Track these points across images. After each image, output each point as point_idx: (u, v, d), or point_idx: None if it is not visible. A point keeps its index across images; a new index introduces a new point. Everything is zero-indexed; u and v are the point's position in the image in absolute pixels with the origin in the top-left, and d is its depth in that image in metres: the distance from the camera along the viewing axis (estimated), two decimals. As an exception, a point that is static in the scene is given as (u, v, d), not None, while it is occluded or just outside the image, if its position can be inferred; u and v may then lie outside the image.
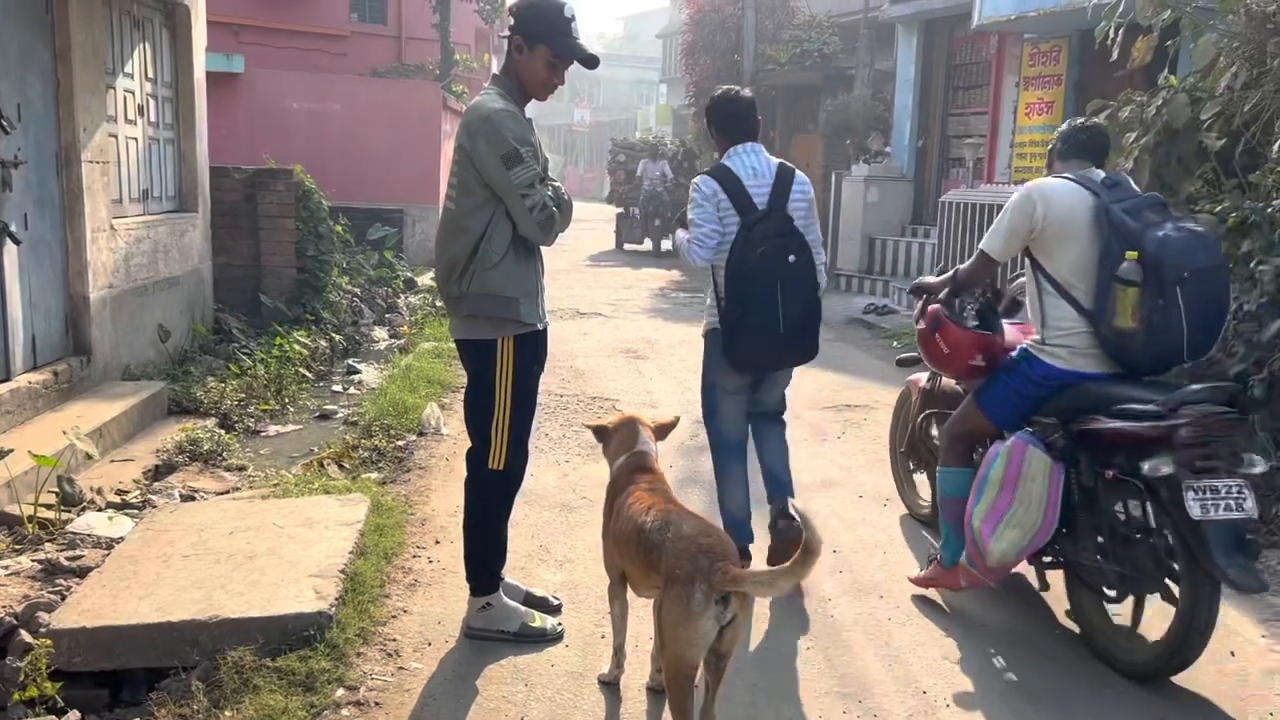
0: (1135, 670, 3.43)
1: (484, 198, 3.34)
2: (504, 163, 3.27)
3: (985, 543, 3.63)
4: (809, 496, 5.21)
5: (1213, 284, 3.44)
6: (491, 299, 3.36)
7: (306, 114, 14.97)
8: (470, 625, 3.58)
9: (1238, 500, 3.17)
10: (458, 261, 3.38)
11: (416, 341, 9.26)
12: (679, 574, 2.67)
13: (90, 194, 6.12)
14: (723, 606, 2.63)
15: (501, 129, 3.28)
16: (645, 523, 2.91)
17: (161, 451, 5.62)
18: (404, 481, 5.27)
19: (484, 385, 3.46)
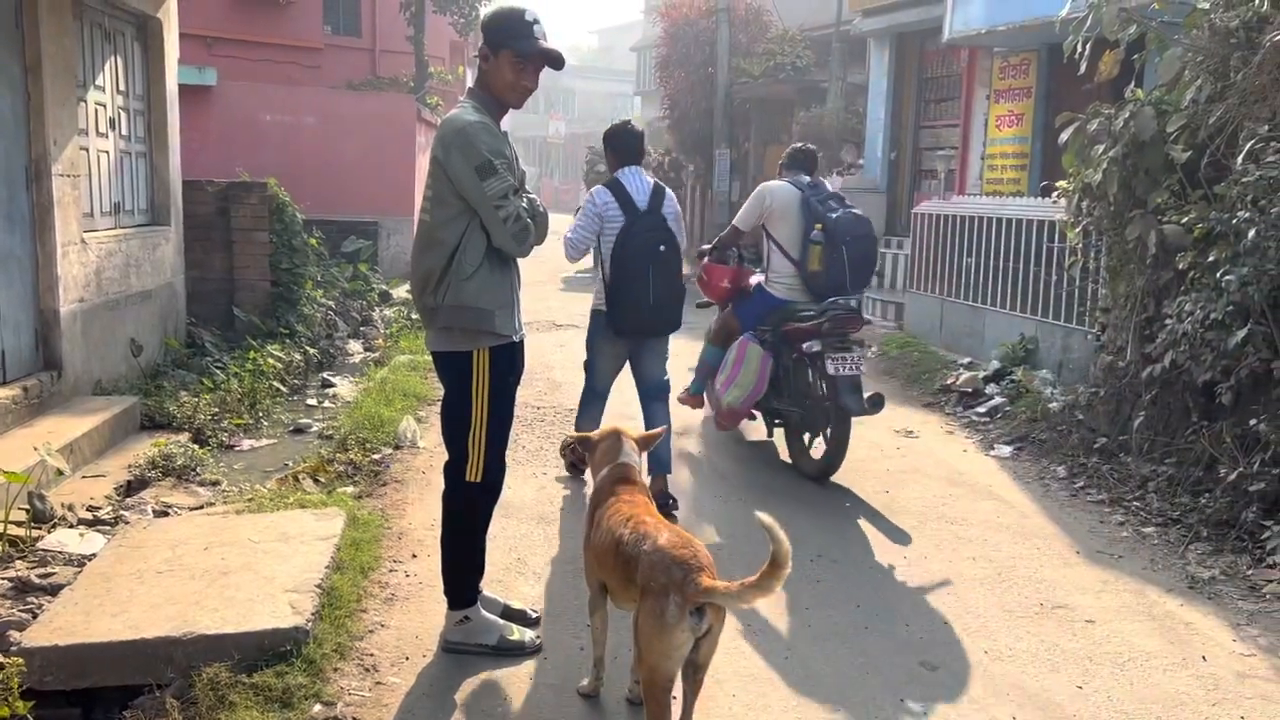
0: (812, 475, 5.74)
1: (458, 209, 3.36)
2: (478, 174, 3.29)
3: (721, 394, 5.92)
4: (781, 503, 5.23)
5: (865, 246, 5.70)
6: (467, 311, 3.36)
7: (280, 126, 14.91)
8: (448, 639, 3.57)
9: (855, 363, 5.51)
10: (433, 273, 3.38)
11: (392, 354, 9.22)
12: (654, 586, 2.69)
13: (61, 207, 6.07)
14: (698, 618, 2.65)
15: (475, 141, 3.30)
16: (623, 535, 2.92)
17: (134, 467, 5.56)
18: (380, 495, 5.24)
19: (461, 397, 3.46)
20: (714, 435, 6.65)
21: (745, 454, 6.34)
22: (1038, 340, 7.74)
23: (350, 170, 15.06)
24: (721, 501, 5.35)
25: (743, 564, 4.06)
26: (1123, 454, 5.80)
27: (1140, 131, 5.57)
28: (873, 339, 10.17)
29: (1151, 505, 5.21)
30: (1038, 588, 4.30)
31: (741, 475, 5.87)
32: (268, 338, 8.69)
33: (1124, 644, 3.79)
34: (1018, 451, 6.34)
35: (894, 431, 6.89)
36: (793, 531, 4.76)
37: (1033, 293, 7.85)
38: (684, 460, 6.09)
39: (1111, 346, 6.23)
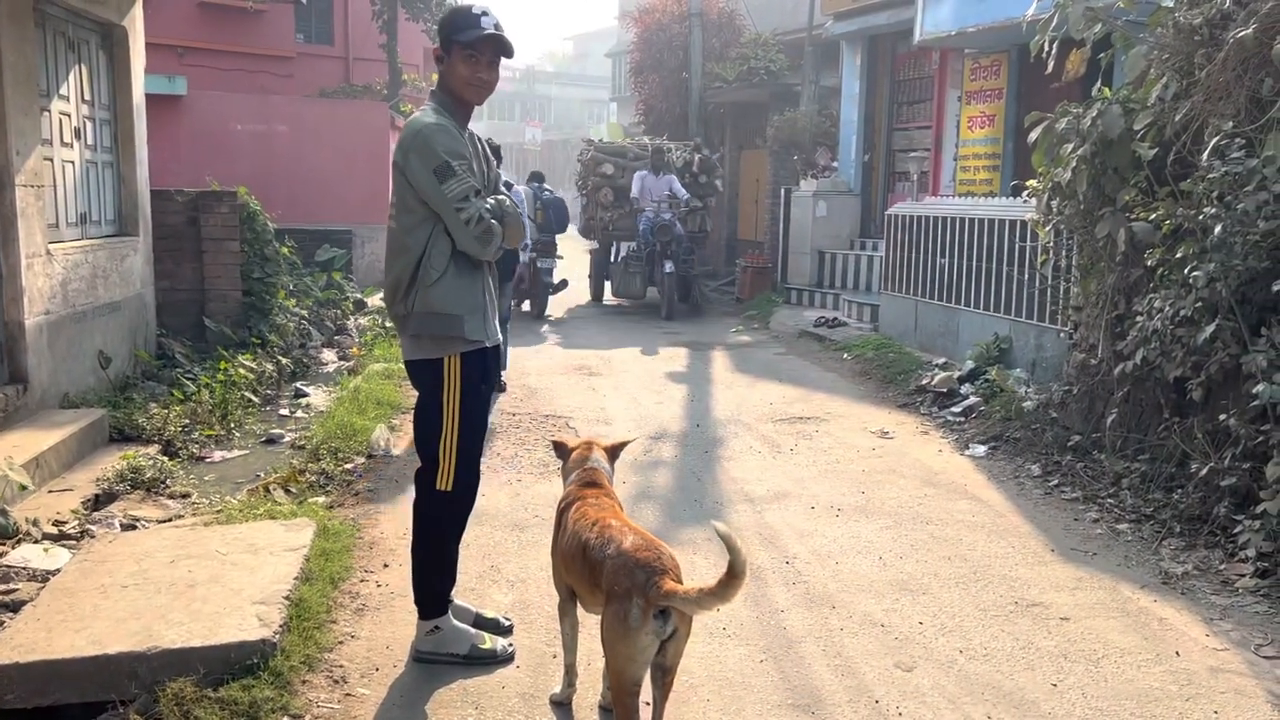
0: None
1: (422, 215, 3.32)
2: (436, 176, 3.25)
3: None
4: (761, 509, 5.22)
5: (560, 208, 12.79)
6: (435, 317, 3.32)
7: (252, 135, 14.80)
8: (419, 649, 3.52)
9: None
10: (401, 281, 3.35)
11: (366, 363, 9.15)
12: (617, 590, 2.68)
13: (25, 218, 5.99)
14: (662, 621, 2.64)
15: (431, 142, 3.26)
16: (589, 539, 2.90)
17: (102, 480, 5.48)
18: (352, 505, 5.18)
19: (432, 404, 3.41)
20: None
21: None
22: (1011, 339, 7.77)
23: (323, 178, 14.96)
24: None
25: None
26: (1096, 451, 5.82)
27: (1108, 129, 5.60)
28: (848, 340, 10.20)
29: (1125, 502, 5.23)
30: (1012, 586, 4.30)
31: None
32: (239, 348, 8.61)
33: (1098, 641, 3.79)
34: (992, 451, 6.35)
35: (869, 432, 6.90)
36: (767, 536, 4.78)
37: (1006, 292, 7.89)
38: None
39: (1084, 344, 6.25)
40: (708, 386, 8.51)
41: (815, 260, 13.31)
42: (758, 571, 4.39)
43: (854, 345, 9.73)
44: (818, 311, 12.30)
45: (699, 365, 9.61)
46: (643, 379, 8.78)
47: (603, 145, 15.08)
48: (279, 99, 16.23)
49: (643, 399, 7.93)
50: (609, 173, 14.19)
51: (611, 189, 14.09)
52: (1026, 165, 10.34)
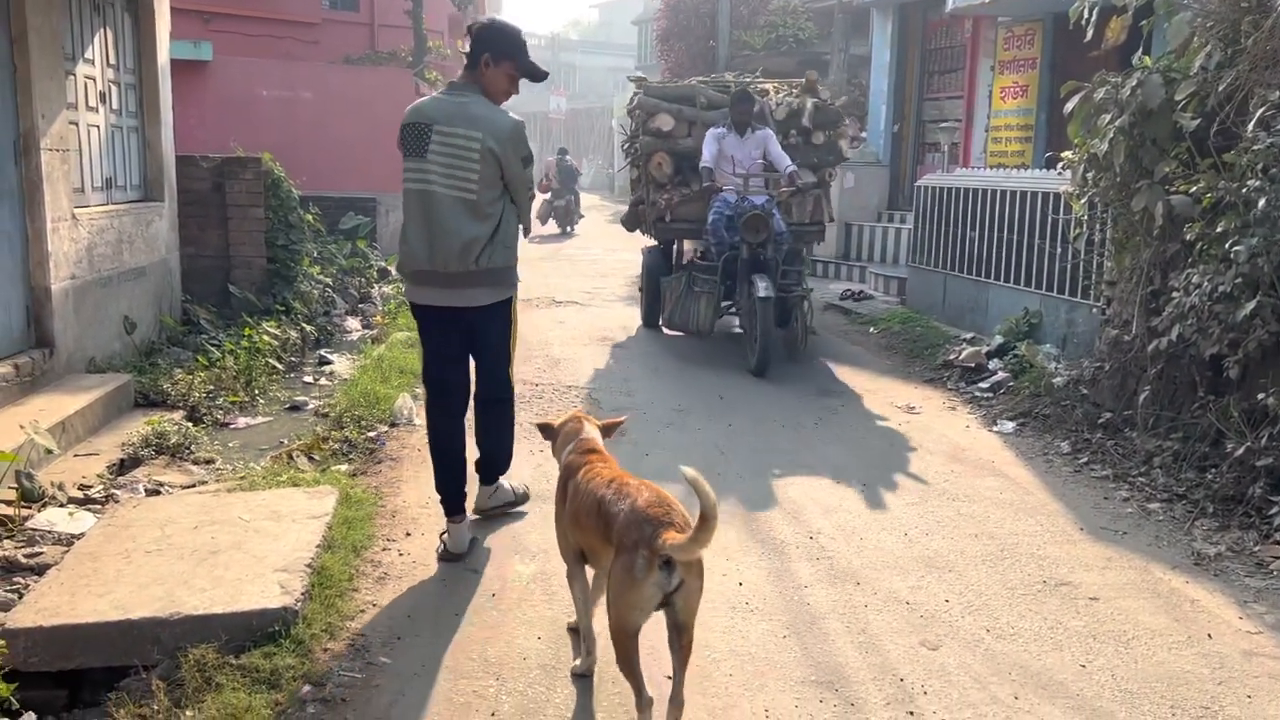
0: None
1: (500, 191, 4.13)
2: (523, 163, 4.16)
3: None
4: (785, 483, 5.17)
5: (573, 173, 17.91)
6: (508, 270, 4.24)
7: (277, 102, 14.77)
8: (485, 508, 4.56)
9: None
10: (478, 240, 4.08)
11: (390, 331, 9.15)
12: (625, 542, 2.77)
13: (50, 183, 5.98)
14: (666, 573, 2.70)
15: (524, 137, 4.15)
16: (605, 495, 2.98)
17: (127, 445, 5.50)
18: (375, 473, 5.18)
19: (505, 329, 4.35)
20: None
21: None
22: (1042, 314, 7.65)
23: (348, 146, 14.91)
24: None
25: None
26: (1127, 429, 5.72)
27: (1147, 100, 5.46)
28: (875, 313, 10.09)
29: (1157, 481, 5.14)
30: (1041, 565, 4.24)
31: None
32: (264, 315, 8.61)
33: (1128, 622, 3.73)
34: (1021, 427, 6.26)
35: (895, 407, 6.81)
36: (790, 511, 4.73)
37: (1037, 266, 7.75)
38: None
39: (1116, 320, 6.13)
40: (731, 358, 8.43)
41: (842, 232, 13.16)
42: (781, 546, 4.35)
43: (880, 319, 9.62)
44: (844, 284, 12.18)
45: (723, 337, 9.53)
46: (666, 351, 8.72)
47: (658, 87, 9.85)
48: (304, 65, 16.18)
49: (667, 370, 7.87)
50: (666, 129, 9.02)
51: (670, 155, 9.01)
52: (1060, 137, 10.15)
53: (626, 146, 10.16)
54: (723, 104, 8.83)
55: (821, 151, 9.17)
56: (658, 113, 9.11)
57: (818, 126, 9.09)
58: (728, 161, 8.21)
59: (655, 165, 9.05)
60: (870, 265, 12.23)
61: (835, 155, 9.38)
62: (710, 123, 8.66)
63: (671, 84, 10.09)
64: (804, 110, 9.06)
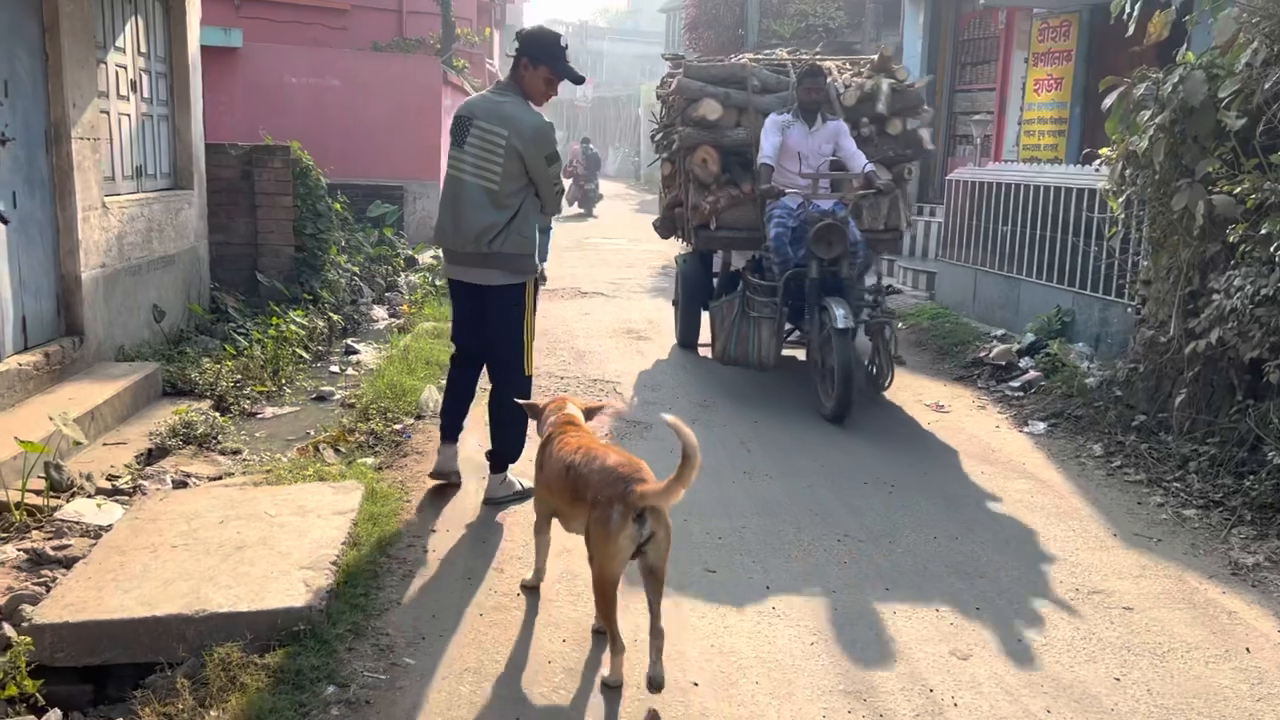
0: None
1: (523, 184, 4.49)
2: (547, 161, 4.50)
3: None
4: (813, 482, 5.11)
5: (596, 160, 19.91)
6: (523, 257, 4.53)
7: (306, 89, 14.79)
8: (494, 496, 4.71)
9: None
10: (495, 226, 4.44)
11: (416, 321, 9.15)
12: (600, 499, 3.05)
13: (81, 171, 6.00)
14: (639, 525, 2.99)
15: (550, 137, 4.51)
16: (574, 460, 3.28)
17: (154, 434, 5.52)
18: (400, 467, 5.17)
19: (518, 316, 4.59)
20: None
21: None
22: (1074, 313, 7.53)
23: (375, 133, 14.92)
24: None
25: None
26: (1162, 432, 5.62)
27: (1190, 96, 5.33)
28: (903, 308, 9.98)
29: (1192, 486, 5.05)
30: (1073, 571, 4.17)
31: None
32: (291, 303, 8.63)
33: (1164, 633, 3.65)
34: (1052, 428, 6.16)
35: (924, 405, 6.73)
36: (817, 511, 4.68)
37: (1070, 263, 7.63)
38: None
39: (1152, 321, 6.01)
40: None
41: (870, 225, 13.02)
42: (808, 548, 4.30)
43: (909, 314, 9.51)
44: (871, 278, 12.04)
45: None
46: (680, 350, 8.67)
47: (701, 67, 7.92)
48: (332, 52, 16.19)
49: (693, 365, 7.82)
50: (713, 117, 7.37)
51: (717, 149, 7.42)
52: (1094, 131, 9.99)
53: (658, 138, 8.47)
54: (779, 88, 7.59)
55: (898, 144, 7.66)
56: (702, 98, 7.42)
57: (894, 113, 7.56)
58: (792, 158, 6.81)
59: (698, 162, 7.43)
60: (898, 259, 12.10)
61: (915, 148, 7.76)
62: (764, 110, 7.28)
63: (716, 62, 8.18)
64: (878, 94, 7.51)
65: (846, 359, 5.92)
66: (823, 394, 6.32)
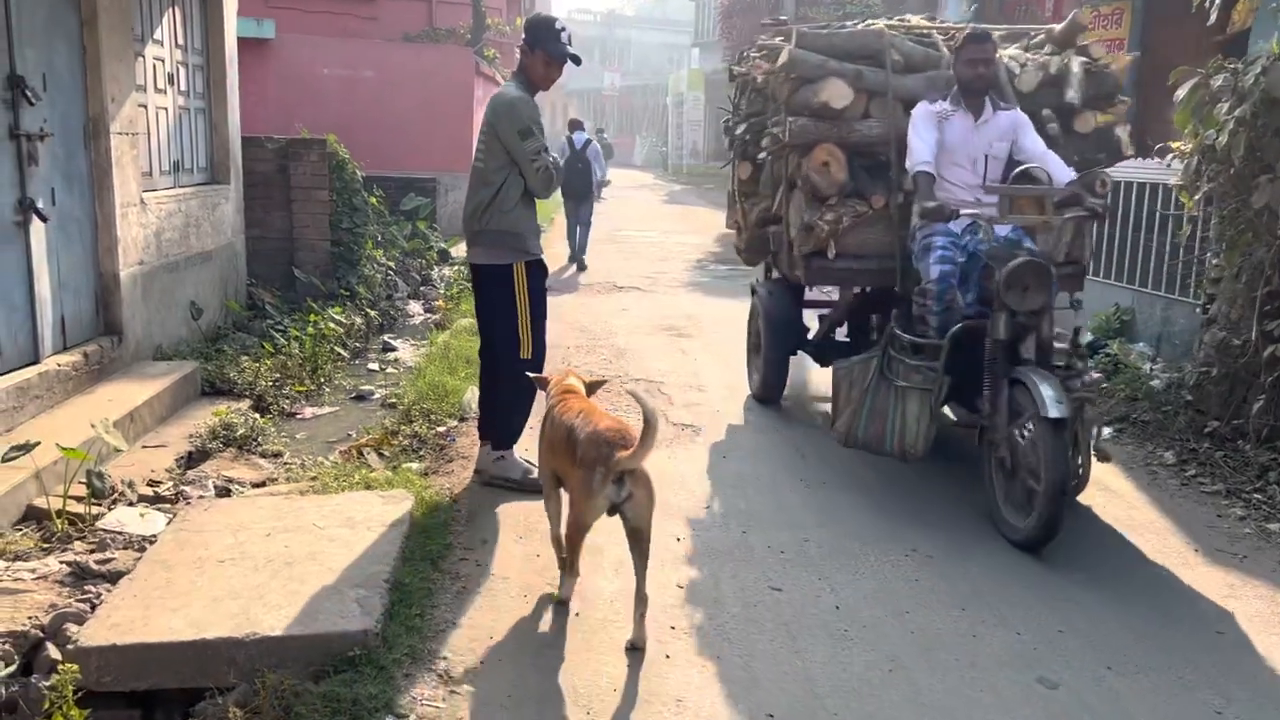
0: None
1: (504, 161, 4.56)
2: (519, 136, 4.50)
3: None
4: (879, 499, 4.90)
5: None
6: (509, 234, 4.59)
7: (338, 80, 14.70)
8: (486, 472, 4.78)
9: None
10: (481, 205, 4.59)
11: (453, 317, 9.00)
12: (586, 460, 3.29)
13: (119, 167, 5.88)
14: (618, 487, 3.22)
15: (520, 111, 4.53)
16: (573, 423, 3.48)
17: (195, 437, 5.41)
18: (447, 472, 5.02)
19: (507, 298, 4.63)
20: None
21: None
22: (1135, 311, 7.27)
23: (408, 125, 14.81)
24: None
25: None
26: (1238, 440, 5.37)
27: (1271, 88, 5.07)
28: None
29: (1275, 498, 4.80)
30: (1158, 592, 3.95)
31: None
32: (328, 299, 8.52)
33: (1262, 661, 3.44)
34: (1118, 433, 5.92)
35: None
36: (882, 524, 4.48)
37: (1130, 260, 7.36)
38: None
39: (1223, 321, 5.75)
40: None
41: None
42: (877, 565, 4.11)
43: (957, 311, 9.24)
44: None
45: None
46: (735, 341, 8.46)
47: (819, 36, 5.61)
48: (365, 43, 16.08)
49: (737, 362, 7.62)
50: (840, 105, 5.33)
51: (843, 148, 5.37)
52: (1151, 123, 9.67)
53: (738, 130, 6.48)
54: (926, 65, 5.50)
55: (1089, 145, 5.61)
56: (825, 78, 5.28)
57: (1088, 104, 5.56)
58: (957, 162, 5.00)
59: (817, 166, 5.28)
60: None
61: (1112, 152, 5.70)
62: (909, 96, 5.30)
63: (840, 28, 5.83)
64: (1068, 76, 5.50)
65: (1061, 466, 4.06)
66: (1005, 505, 4.44)
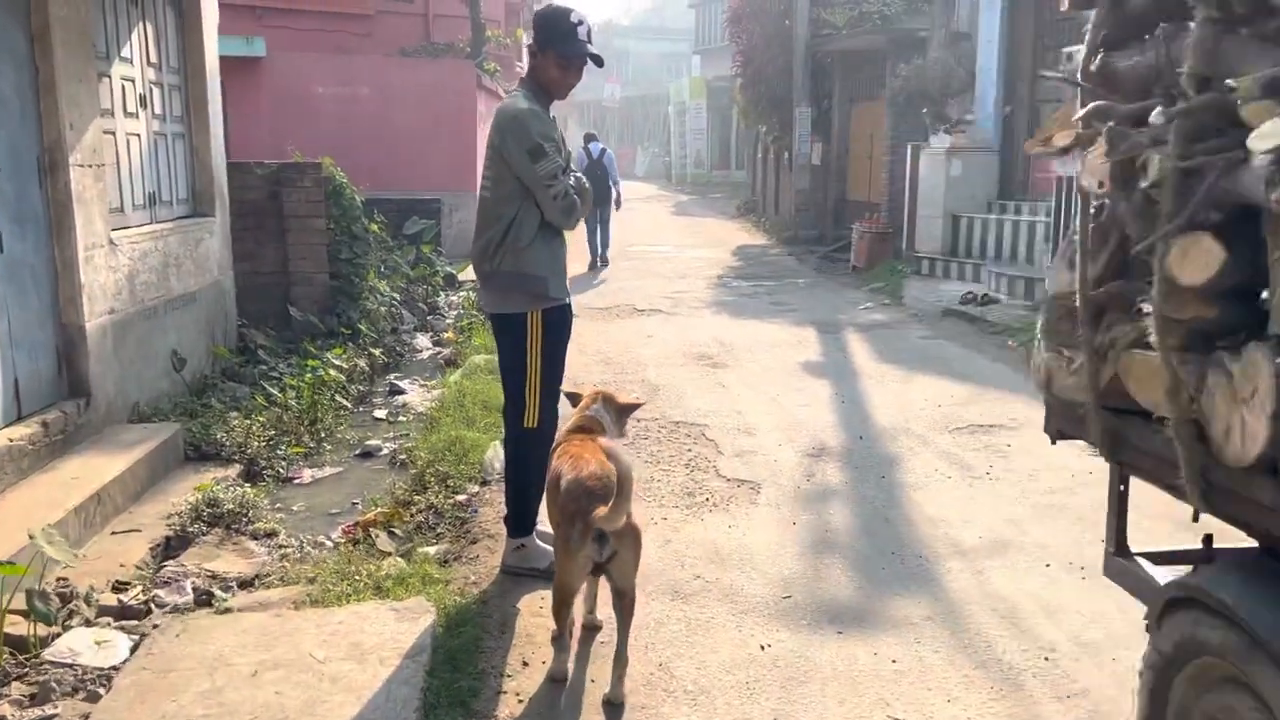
0: None
1: (514, 188, 3.75)
2: (529, 157, 3.68)
3: None
4: (981, 567, 4.10)
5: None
6: (523, 277, 3.78)
7: (333, 99, 13.97)
8: (506, 564, 3.99)
9: None
10: (492, 242, 3.79)
11: (465, 352, 8.22)
12: (565, 512, 2.99)
13: (82, 204, 5.11)
14: (599, 545, 2.89)
15: (527, 127, 3.69)
16: (562, 470, 3.13)
17: (174, 517, 4.62)
18: (470, 558, 4.21)
19: (517, 353, 3.85)
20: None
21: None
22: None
23: (408, 143, 14.08)
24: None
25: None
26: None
27: None
28: (1007, 321, 8.93)
29: None
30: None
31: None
32: (327, 338, 7.75)
33: None
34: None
35: (1075, 446, 5.67)
36: (1001, 607, 3.51)
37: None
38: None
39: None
40: (855, 380, 7.36)
41: (948, 225, 11.97)
42: (1010, 672, 3.30)
43: (1019, 328, 8.46)
44: (955, 284, 11.02)
45: (835, 351, 8.46)
46: (775, 371, 7.69)
47: None
48: (361, 59, 15.37)
49: (784, 399, 6.83)
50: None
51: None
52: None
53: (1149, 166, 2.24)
54: None
55: None
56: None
57: None
58: None
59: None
60: (985, 263, 11.03)
61: None
62: None
63: None
64: None
65: None
66: None
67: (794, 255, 16.07)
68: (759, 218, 22.01)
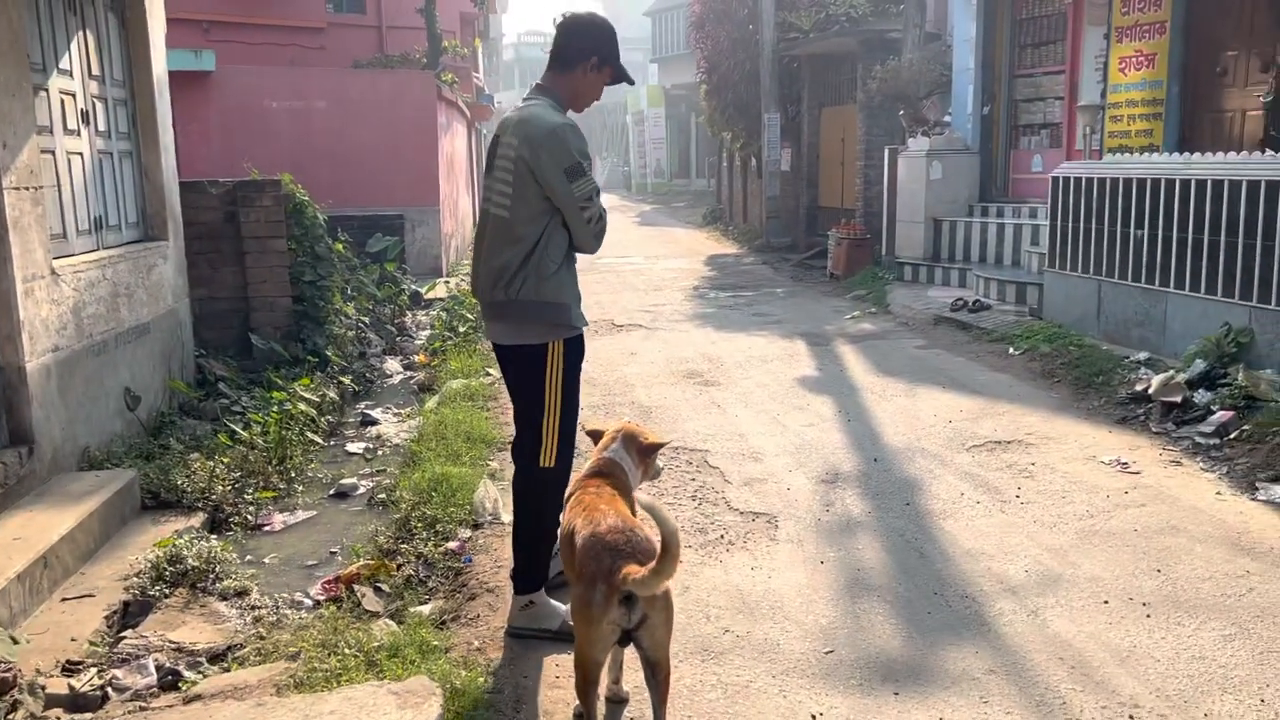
0: None
1: (541, 208, 3.41)
2: (567, 175, 3.36)
3: None
4: (1036, 607, 3.73)
5: None
6: (547, 306, 3.43)
7: (289, 113, 13.42)
8: (513, 625, 3.57)
9: None
10: (509, 268, 3.41)
11: (440, 377, 7.75)
12: (584, 573, 2.65)
13: (19, 231, 4.61)
14: (627, 609, 2.56)
15: (566, 143, 3.36)
16: (576, 524, 2.85)
17: (131, 579, 4.14)
18: (471, 618, 3.75)
19: (536, 387, 3.49)
20: (876, 481, 5.13)
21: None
22: (1253, 332, 6.18)
23: (368, 158, 13.58)
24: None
25: None
26: None
27: None
28: (1002, 327, 8.64)
29: None
30: None
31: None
32: (292, 365, 7.25)
33: None
34: (1290, 490, 4.80)
35: (1101, 464, 5.36)
36: (1067, 654, 3.13)
37: (1242, 271, 6.29)
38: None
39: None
40: (856, 396, 6.99)
41: (930, 230, 11.70)
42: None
43: (1017, 336, 8.15)
44: (941, 289, 10.73)
45: (830, 364, 8.10)
46: (769, 387, 7.31)
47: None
48: (316, 72, 14.85)
49: (786, 418, 6.45)
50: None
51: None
52: (1198, 113, 8.71)
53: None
54: None
55: None
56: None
57: None
58: None
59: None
60: (971, 268, 10.75)
61: None
62: None
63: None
64: None
65: None
66: None
67: (768, 264, 15.75)
68: (727, 226, 21.71)
